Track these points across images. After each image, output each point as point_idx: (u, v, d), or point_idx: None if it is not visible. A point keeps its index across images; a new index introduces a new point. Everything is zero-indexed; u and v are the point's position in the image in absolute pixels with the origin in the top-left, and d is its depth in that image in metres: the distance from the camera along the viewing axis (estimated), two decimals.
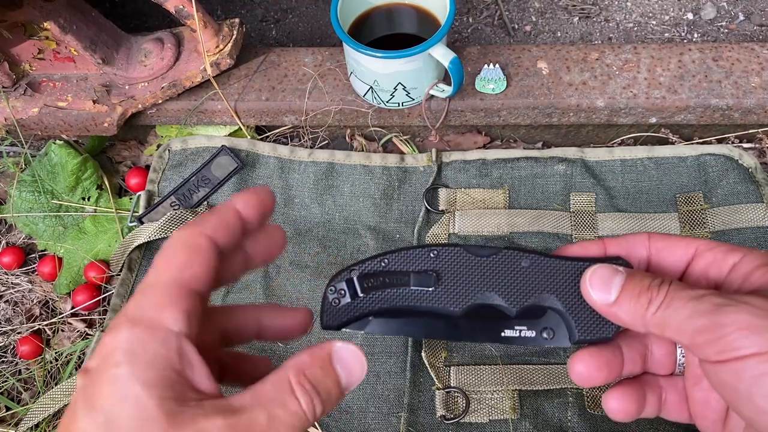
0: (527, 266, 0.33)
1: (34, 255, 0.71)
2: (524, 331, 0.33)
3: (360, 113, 0.68)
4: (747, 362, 0.26)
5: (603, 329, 0.32)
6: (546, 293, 0.32)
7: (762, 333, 0.26)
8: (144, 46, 0.68)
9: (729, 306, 0.27)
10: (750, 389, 0.26)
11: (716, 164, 0.64)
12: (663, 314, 0.28)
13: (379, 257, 0.33)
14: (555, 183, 0.66)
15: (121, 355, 0.23)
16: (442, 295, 0.33)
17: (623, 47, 0.67)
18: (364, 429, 0.56)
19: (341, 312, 0.33)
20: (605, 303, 0.30)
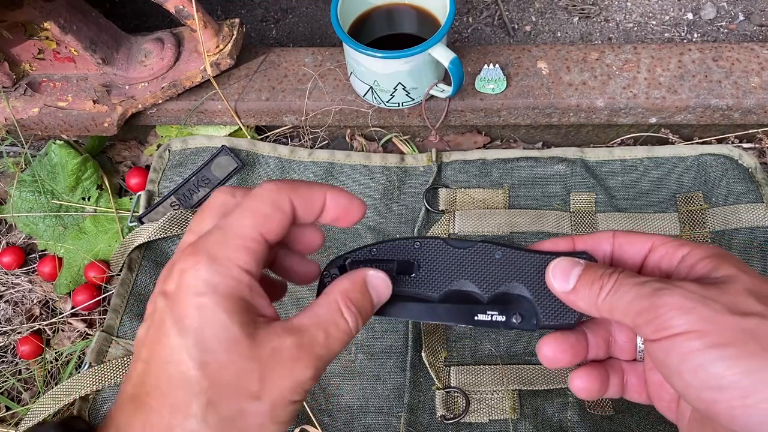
0: (499, 258, 0.37)
1: (34, 255, 0.71)
2: (495, 316, 0.36)
3: (360, 113, 0.68)
4: (676, 340, 0.29)
5: (566, 316, 0.35)
6: (515, 282, 0.36)
7: (690, 313, 0.29)
8: (144, 46, 0.68)
9: (665, 289, 0.30)
10: (679, 365, 0.29)
11: (716, 164, 0.64)
12: (612, 299, 0.32)
13: (369, 247, 0.37)
14: (555, 183, 0.66)
15: (204, 286, 0.27)
16: (422, 282, 0.37)
17: (623, 47, 0.67)
18: (364, 429, 0.56)
19: None
20: (564, 291, 0.34)
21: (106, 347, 0.58)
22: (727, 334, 0.28)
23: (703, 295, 0.29)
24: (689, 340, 0.28)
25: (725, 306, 0.29)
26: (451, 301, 0.37)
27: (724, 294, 0.29)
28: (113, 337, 0.59)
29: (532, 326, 0.35)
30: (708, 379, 0.28)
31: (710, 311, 0.29)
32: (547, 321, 0.35)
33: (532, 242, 0.62)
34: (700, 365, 0.28)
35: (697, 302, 0.29)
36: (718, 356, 0.28)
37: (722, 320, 0.28)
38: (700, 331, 0.28)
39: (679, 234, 0.63)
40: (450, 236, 0.64)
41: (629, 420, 0.54)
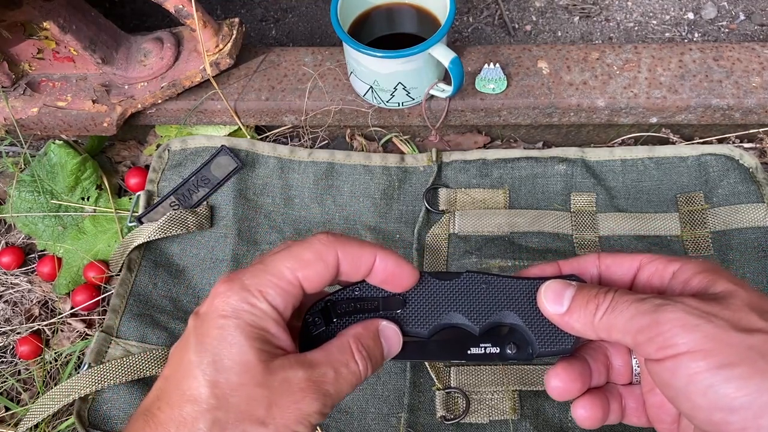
0: (487, 287, 0.35)
1: (33, 255, 0.71)
2: (489, 348, 0.35)
3: (360, 113, 0.68)
4: (681, 360, 0.28)
5: (562, 341, 0.34)
6: (506, 311, 0.35)
7: (694, 331, 0.28)
8: (143, 46, 0.68)
9: (667, 305, 0.29)
10: (686, 387, 0.28)
11: (717, 164, 0.64)
12: (609, 318, 0.31)
13: (351, 286, 0.35)
14: (555, 183, 0.66)
15: (230, 309, 0.29)
16: (409, 318, 0.35)
17: (624, 47, 0.67)
18: (364, 429, 0.56)
19: (317, 339, 0.34)
20: (558, 314, 0.33)
21: (106, 347, 0.58)
22: (735, 353, 0.27)
23: (706, 311, 0.28)
24: (696, 360, 0.28)
25: (729, 323, 0.28)
26: (441, 336, 0.35)
27: (726, 310, 0.29)
28: (112, 338, 0.59)
29: (528, 355, 0.34)
30: (718, 401, 0.27)
31: (714, 328, 0.28)
32: (543, 348, 0.34)
33: (533, 242, 0.63)
34: (710, 386, 0.27)
35: (701, 319, 0.28)
36: (728, 377, 0.27)
37: (727, 338, 0.27)
38: (706, 350, 0.27)
39: (679, 234, 0.62)
40: (450, 235, 0.64)
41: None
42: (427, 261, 0.63)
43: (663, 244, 0.62)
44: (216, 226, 0.66)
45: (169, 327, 0.60)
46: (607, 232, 0.63)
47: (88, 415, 0.56)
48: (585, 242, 0.63)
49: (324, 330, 0.35)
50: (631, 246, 0.62)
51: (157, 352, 0.57)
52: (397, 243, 0.64)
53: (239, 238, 0.65)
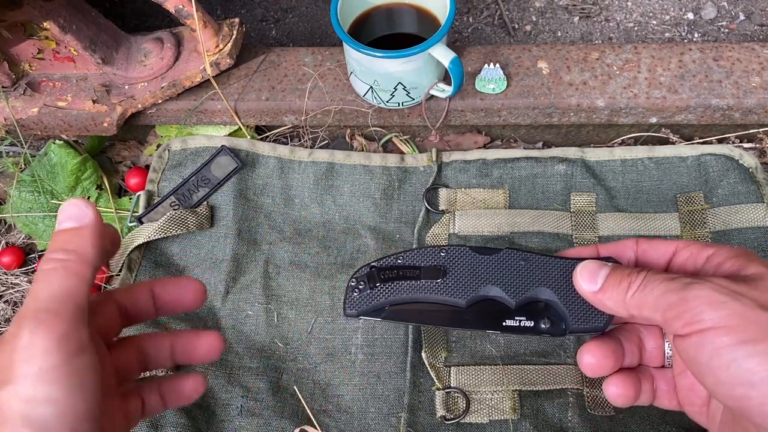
0: (525, 263, 0.36)
1: (33, 255, 0.71)
2: (524, 321, 0.36)
3: (360, 113, 0.68)
4: (707, 335, 0.29)
5: (595, 319, 0.35)
6: (543, 287, 0.36)
7: (720, 308, 0.29)
8: (144, 46, 0.68)
9: (695, 283, 0.30)
10: (710, 361, 0.29)
11: (717, 164, 0.64)
12: (640, 295, 0.32)
13: (395, 255, 0.37)
14: (555, 183, 0.66)
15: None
16: (449, 287, 0.37)
17: (623, 47, 0.67)
18: (364, 429, 0.56)
19: (360, 301, 0.37)
20: (592, 291, 0.34)
21: None
22: (758, 330, 0.28)
23: (734, 290, 0.29)
24: (720, 336, 0.28)
25: (756, 302, 0.29)
26: (478, 307, 0.37)
27: (754, 290, 0.29)
28: None
29: (561, 331, 0.35)
30: (740, 375, 0.28)
31: (741, 306, 0.28)
32: (576, 325, 0.35)
33: (533, 242, 0.63)
34: (733, 361, 0.28)
35: (728, 297, 0.29)
36: (750, 352, 0.28)
37: (753, 316, 0.28)
38: (731, 326, 0.28)
39: (679, 234, 0.62)
40: (450, 235, 0.64)
41: (629, 420, 0.54)
42: None
43: None
44: (216, 226, 0.66)
45: (170, 327, 0.60)
46: (607, 232, 0.63)
47: None
48: (585, 242, 0.63)
49: (369, 292, 0.37)
50: None
51: None
52: (397, 243, 0.65)
53: (239, 238, 0.65)
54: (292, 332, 0.61)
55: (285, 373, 0.59)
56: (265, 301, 0.62)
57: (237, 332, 0.61)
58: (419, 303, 0.37)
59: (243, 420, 0.56)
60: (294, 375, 0.58)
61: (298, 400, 0.57)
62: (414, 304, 0.38)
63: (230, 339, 0.61)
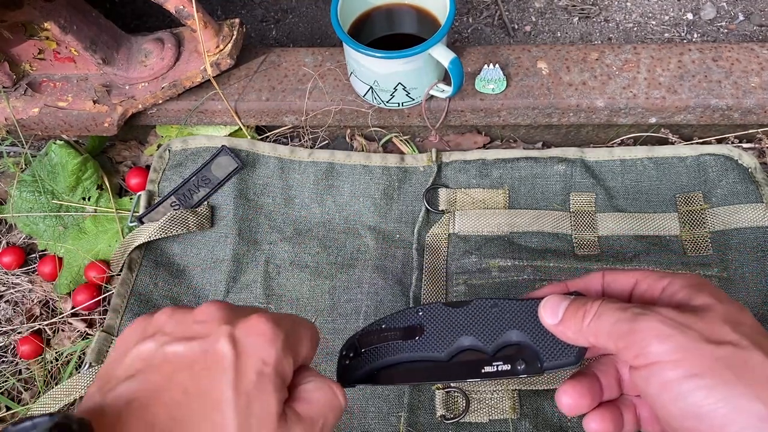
0: (496, 309, 0.38)
1: (34, 255, 0.71)
2: (501, 366, 0.37)
3: (360, 113, 0.68)
4: (653, 369, 0.29)
5: (566, 354, 0.36)
6: (514, 329, 0.37)
7: (667, 341, 0.29)
8: (144, 46, 0.68)
9: (643, 315, 0.31)
10: (660, 394, 0.29)
11: (716, 164, 0.64)
12: (595, 323, 0.33)
13: (377, 322, 0.40)
14: (555, 183, 0.66)
15: (272, 360, 0.29)
16: (427, 343, 0.38)
17: (623, 47, 0.67)
18: (364, 429, 0.56)
19: (350, 369, 0.39)
20: (554, 323, 0.35)
21: (107, 347, 0.58)
22: (703, 364, 0.28)
23: (680, 321, 0.30)
24: (666, 370, 0.29)
25: (701, 334, 0.29)
26: (459, 358, 0.38)
27: (700, 321, 0.30)
28: (113, 337, 0.59)
29: (537, 369, 0.36)
30: (687, 409, 0.28)
31: (686, 339, 0.29)
32: (549, 361, 0.36)
33: (533, 242, 0.63)
34: (679, 394, 0.29)
35: (674, 329, 0.29)
36: (696, 386, 0.28)
37: (697, 349, 0.29)
38: (676, 360, 0.29)
39: (678, 234, 0.63)
40: (450, 235, 0.64)
41: None
42: (426, 261, 0.63)
43: (662, 244, 0.62)
44: (216, 226, 0.66)
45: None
46: (607, 232, 0.63)
47: None
48: (584, 242, 0.63)
49: (356, 360, 0.39)
50: (630, 246, 0.62)
51: None
52: (397, 243, 0.65)
53: (240, 238, 0.65)
54: None
55: None
56: (265, 301, 0.62)
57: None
58: (405, 363, 0.39)
59: None
60: None
61: None
62: (401, 365, 0.39)
63: None
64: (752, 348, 0.29)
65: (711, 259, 0.61)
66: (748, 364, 0.28)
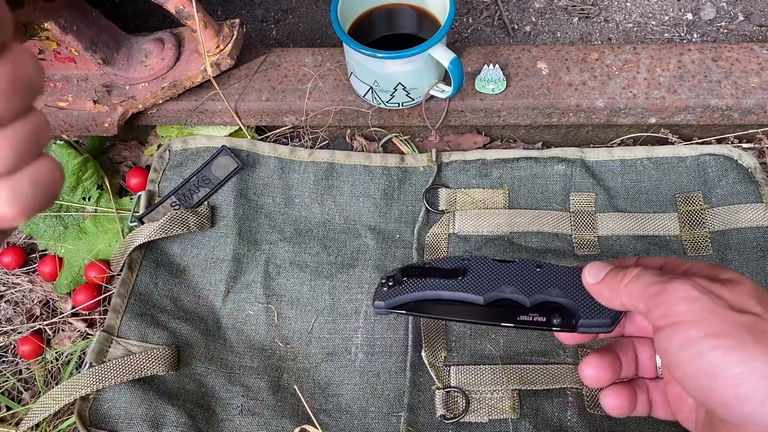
0: (540, 270, 0.40)
1: (34, 255, 0.71)
2: (536, 317, 0.39)
3: (360, 113, 0.68)
4: (678, 327, 0.31)
5: (601, 315, 0.38)
6: (555, 287, 0.39)
7: (694, 303, 0.31)
8: (144, 47, 0.68)
9: (678, 278, 0.33)
10: (679, 353, 0.31)
11: (716, 164, 0.64)
12: (632, 285, 0.35)
13: (422, 261, 0.43)
14: (555, 183, 0.66)
15: None
16: (468, 285, 0.40)
17: (623, 47, 0.67)
18: (364, 428, 0.56)
19: (387, 294, 0.41)
20: (595, 282, 0.37)
21: (107, 347, 0.58)
22: (724, 326, 0.30)
23: (711, 289, 0.31)
24: (689, 329, 0.30)
25: (727, 302, 0.31)
26: (495, 305, 0.40)
27: (728, 292, 0.31)
28: (114, 337, 0.59)
29: (571, 326, 0.38)
30: (704, 367, 0.29)
31: (713, 304, 0.30)
32: (585, 319, 0.38)
33: (533, 242, 0.63)
34: (698, 353, 0.30)
35: (703, 294, 0.31)
36: (714, 345, 0.29)
37: (722, 313, 0.30)
38: (699, 320, 0.30)
39: (678, 234, 0.63)
40: (450, 235, 0.64)
41: (629, 419, 0.54)
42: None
43: (662, 244, 0.62)
44: (217, 226, 0.66)
45: (170, 326, 0.60)
46: (607, 232, 0.63)
47: (89, 415, 0.56)
48: (584, 242, 0.63)
49: (396, 288, 0.41)
50: (630, 246, 0.62)
51: (158, 352, 0.57)
52: (397, 243, 0.65)
53: (240, 238, 0.65)
54: (292, 332, 0.61)
55: (285, 372, 0.59)
56: (265, 301, 0.62)
57: (237, 332, 0.61)
58: (442, 301, 0.41)
59: (243, 419, 0.56)
60: (294, 374, 0.59)
61: (299, 399, 0.57)
62: (438, 302, 0.41)
63: (230, 339, 0.61)
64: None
65: (711, 259, 0.61)
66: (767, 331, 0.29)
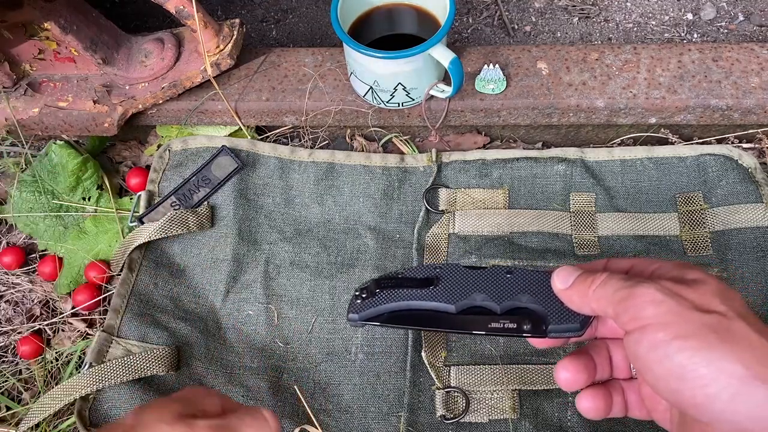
0: (510, 276, 0.40)
1: (34, 255, 0.71)
2: (507, 324, 0.39)
3: (360, 113, 0.68)
4: (646, 330, 0.31)
5: (571, 320, 0.38)
6: (525, 294, 0.39)
7: (660, 306, 0.31)
8: (144, 47, 0.68)
9: (643, 282, 0.33)
10: (648, 355, 0.31)
11: (716, 164, 0.64)
12: (600, 290, 0.35)
13: (396, 272, 0.43)
14: (555, 183, 0.66)
15: None
16: (439, 293, 0.40)
17: (623, 47, 0.67)
18: (365, 429, 0.56)
19: (361, 306, 0.42)
20: (564, 288, 0.37)
21: (107, 347, 0.58)
22: (690, 328, 0.30)
23: (674, 291, 0.32)
24: (657, 332, 0.31)
25: (691, 303, 0.31)
26: (467, 313, 0.40)
27: (693, 292, 0.32)
28: (113, 337, 0.59)
29: (541, 332, 0.38)
30: (672, 369, 0.30)
31: (678, 306, 0.31)
32: (555, 325, 0.38)
33: (533, 242, 0.63)
34: (666, 355, 0.30)
35: (668, 296, 0.31)
36: (681, 347, 0.30)
37: (687, 314, 0.31)
38: (666, 323, 0.31)
39: (678, 234, 0.63)
40: (450, 235, 0.64)
41: (628, 419, 0.54)
42: (426, 260, 0.63)
43: (662, 244, 0.62)
44: (217, 226, 0.66)
45: (170, 327, 0.60)
46: (607, 232, 0.63)
47: (89, 415, 0.56)
48: (584, 242, 0.63)
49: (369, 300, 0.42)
50: (630, 246, 0.62)
51: (157, 352, 0.57)
52: (397, 243, 0.65)
53: (240, 238, 0.65)
54: (292, 332, 0.61)
55: (285, 372, 0.59)
56: (265, 301, 0.62)
57: (237, 332, 0.61)
58: (414, 311, 0.41)
59: None
60: (294, 374, 0.59)
61: (299, 399, 0.57)
62: (411, 311, 0.42)
63: (230, 339, 0.61)
64: (737, 318, 0.31)
65: (711, 259, 0.61)
66: (731, 330, 0.30)
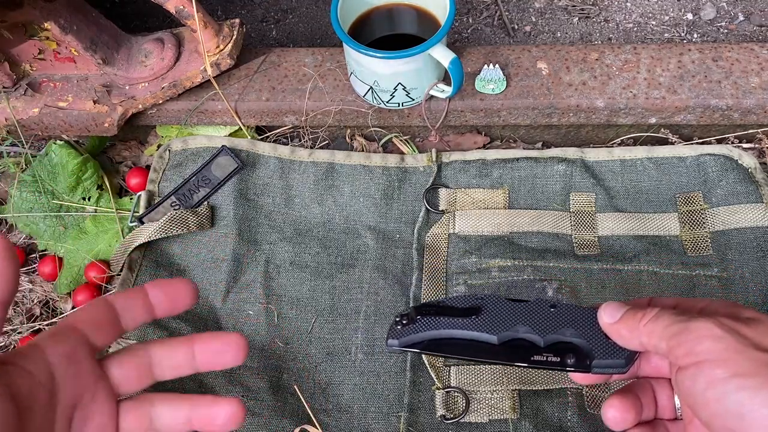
0: (554, 309, 0.40)
1: (34, 255, 0.71)
2: (551, 357, 0.39)
3: (360, 113, 0.68)
4: (703, 367, 0.31)
5: (617, 355, 0.37)
6: (569, 328, 0.39)
7: (718, 342, 0.31)
8: (144, 47, 0.68)
9: (700, 317, 0.33)
10: (705, 393, 0.30)
11: (716, 164, 0.64)
12: (651, 325, 0.34)
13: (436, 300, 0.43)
14: (555, 183, 0.66)
15: None
16: (482, 324, 0.40)
17: (623, 47, 0.67)
18: (365, 429, 0.56)
19: (401, 332, 0.41)
20: (611, 322, 0.37)
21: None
22: (750, 366, 0.30)
23: (733, 327, 0.31)
24: (715, 368, 0.30)
25: (751, 341, 0.31)
26: (509, 344, 0.40)
27: (751, 331, 0.31)
28: None
29: (585, 366, 0.38)
30: (730, 407, 0.29)
31: (737, 342, 0.30)
32: (599, 359, 0.38)
33: (533, 242, 0.63)
34: (724, 393, 0.30)
35: (727, 333, 0.31)
36: (741, 386, 0.29)
37: (747, 353, 0.30)
38: (725, 360, 0.30)
39: (678, 234, 0.63)
40: (450, 235, 0.64)
41: None
42: (426, 261, 0.63)
43: (662, 244, 0.62)
44: (217, 226, 0.66)
45: (170, 326, 0.60)
46: (607, 232, 0.63)
47: None
48: (584, 242, 0.63)
49: (410, 326, 0.41)
50: (630, 246, 0.62)
51: None
52: (397, 243, 0.65)
53: (240, 238, 0.65)
54: (292, 332, 0.61)
55: (285, 372, 0.59)
56: (265, 301, 0.62)
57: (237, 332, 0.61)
58: (455, 340, 0.41)
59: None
60: (294, 374, 0.59)
61: (299, 399, 0.57)
62: (450, 340, 0.41)
63: None
64: None
65: (711, 259, 0.61)
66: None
